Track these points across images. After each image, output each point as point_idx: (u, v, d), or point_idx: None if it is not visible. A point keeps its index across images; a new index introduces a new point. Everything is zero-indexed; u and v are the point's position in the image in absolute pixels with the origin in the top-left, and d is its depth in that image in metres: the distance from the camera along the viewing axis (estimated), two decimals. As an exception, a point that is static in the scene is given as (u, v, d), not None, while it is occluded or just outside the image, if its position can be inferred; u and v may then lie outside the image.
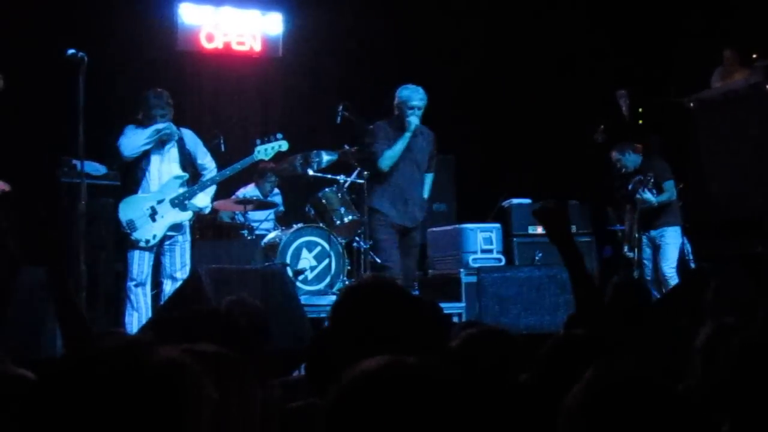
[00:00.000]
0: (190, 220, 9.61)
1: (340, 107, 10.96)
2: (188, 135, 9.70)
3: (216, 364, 2.45)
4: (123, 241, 9.44)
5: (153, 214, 9.26)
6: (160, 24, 13.08)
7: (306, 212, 11.20)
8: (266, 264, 10.32)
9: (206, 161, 9.77)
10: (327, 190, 11.14)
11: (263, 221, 11.68)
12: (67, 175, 10.07)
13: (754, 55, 12.85)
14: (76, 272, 7.96)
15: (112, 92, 11.40)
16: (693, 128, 13.00)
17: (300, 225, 10.79)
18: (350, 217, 10.97)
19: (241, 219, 10.96)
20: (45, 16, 11.65)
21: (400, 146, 10.02)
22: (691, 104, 13.10)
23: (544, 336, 3.67)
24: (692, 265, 11.54)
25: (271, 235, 10.91)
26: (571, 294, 4.47)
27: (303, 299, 9.35)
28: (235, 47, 13.63)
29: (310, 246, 10.66)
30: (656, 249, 11.28)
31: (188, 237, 9.61)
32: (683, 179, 12.16)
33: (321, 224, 10.87)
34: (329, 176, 11.37)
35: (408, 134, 10.02)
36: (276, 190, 12.65)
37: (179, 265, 9.44)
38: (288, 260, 10.38)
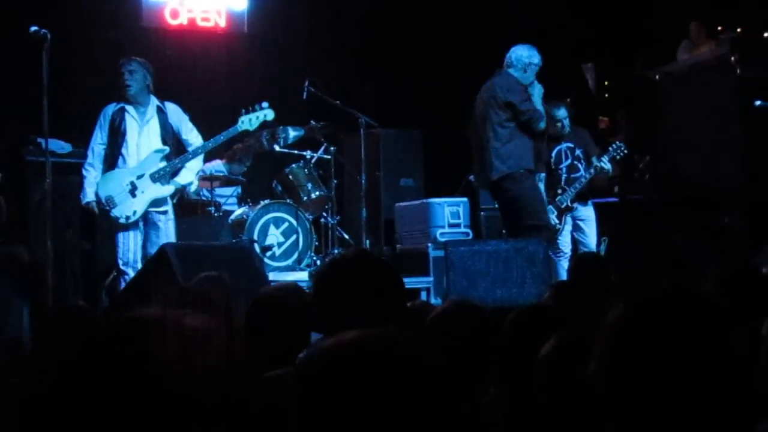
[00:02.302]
0: (172, 197, 9.45)
1: (307, 83, 10.95)
2: (172, 109, 9.51)
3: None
4: (107, 221, 9.28)
5: (133, 190, 9.06)
6: (124, 0, 12.98)
7: (273, 188, 11.19)
8: (234, 240, 10.31)
9: (191, 137, 9.55)
10: (294, 166, 11.13)
11: (229, 197, 11.58)
12: (32, 154, 10.02)
13: (720, 28, 12.89)
14: (43, 250, 7.92)
15: (76, 69, 11.31)
16: (659, 101, 13.03)
17: (267, 201, 10.78)
18: (318, 193, 10.98)
19: (208, 195, 10.87)
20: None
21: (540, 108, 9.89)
22: (658, 77, 13.12)
23: (513, 309, 3.71)
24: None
25: (239, 212, 10.89)
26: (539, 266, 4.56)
27: (271, 275, 9.34)
28: (200, 23, 13.52)
29: (277, 222, 10.65)
30: (576, 222, 11.03)
31: (171, 216, 9.42)
32: (650, 152, 12.20)
33: (288, 200, 10.87)
34: (296, 152, 11.35)
35: (537, 99, 9.89)
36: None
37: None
38: (255, 236, 10.37)
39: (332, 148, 11.40)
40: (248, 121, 9.54)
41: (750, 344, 2.23)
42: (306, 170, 11.12)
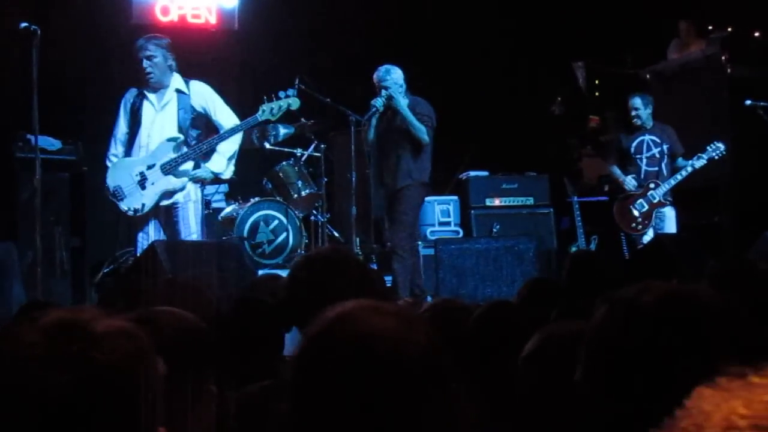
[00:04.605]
0: (199, 184, 8.82)
1: (297, 80, 10.92)
2: (197, 89, 8.90)
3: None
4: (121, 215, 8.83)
5: (142, 181, 8.47)
6: (115, -3, 12.95)
7: (263, 186, 11.17)
8: (223, 238, 10.29)
9: (222, 118, 8.85)
10: (284, 163, 11.12)
11: (215, 194, 11.49)
12: (21, 150, 9.97)
13: (710, 27, 12.90)
14: (32, 247, 7.90)
15: (66, 66, 11.29)
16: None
17: (257, 199, 10.76)
18: (308, 191, 10.97)
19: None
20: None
21: None
22: (648, 76, 13.14)
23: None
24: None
25: (229, 209, 10.87)
26: (528, 265, 4.56)
27: (260, 273, 9.31)
28: (191, 20, 13.46)
29: (267, 219, 10.63)
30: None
31: (192, 197, 8.68)
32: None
33: (278, 198, 10.85)
34: (286, 150, 11.34)
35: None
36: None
37: (194, 228, 8.67)
38: (246, 234, 10.35)
39: (322, 146, 11.39)
40: (269, 111, 8.88)
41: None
42: (296, 168, 11.10)
